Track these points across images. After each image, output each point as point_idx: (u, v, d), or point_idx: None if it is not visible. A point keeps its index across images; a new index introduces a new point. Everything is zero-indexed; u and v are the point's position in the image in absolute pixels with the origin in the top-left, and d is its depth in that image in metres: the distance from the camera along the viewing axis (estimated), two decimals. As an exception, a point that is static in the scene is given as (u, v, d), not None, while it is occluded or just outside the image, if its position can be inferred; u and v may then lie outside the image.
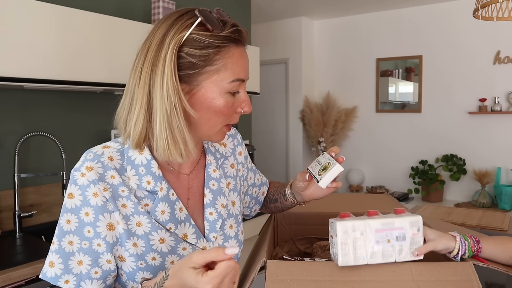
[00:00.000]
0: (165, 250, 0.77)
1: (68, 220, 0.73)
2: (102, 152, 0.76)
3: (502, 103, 3.67)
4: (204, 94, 0.74)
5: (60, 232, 0.73)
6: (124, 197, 0.76)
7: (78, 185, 0.73)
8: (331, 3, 4.04)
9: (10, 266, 1.52)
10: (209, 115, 0.76)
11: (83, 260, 0.73)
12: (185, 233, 0.80)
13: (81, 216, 0.73)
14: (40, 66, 1.77)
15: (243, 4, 3.47)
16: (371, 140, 4.44)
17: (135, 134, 0.74)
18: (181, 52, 0.72)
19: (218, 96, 0.74)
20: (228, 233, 0.87)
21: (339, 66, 4.61)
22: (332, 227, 0.80)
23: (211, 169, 0.88)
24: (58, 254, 0.73)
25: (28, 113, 2.08)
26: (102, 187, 0.73)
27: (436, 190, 3.86)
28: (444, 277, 0.78)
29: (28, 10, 1.72)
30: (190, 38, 0.72)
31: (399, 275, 0.76)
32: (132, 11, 2.48)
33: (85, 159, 0.75)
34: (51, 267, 0.73)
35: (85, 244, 0.73)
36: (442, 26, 3.95)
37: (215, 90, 0.74)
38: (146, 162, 0.78)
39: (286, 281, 0.74)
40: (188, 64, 0.72)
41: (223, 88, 0.74)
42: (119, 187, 0.75)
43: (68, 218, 0.73)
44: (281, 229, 1.26)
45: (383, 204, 1.36)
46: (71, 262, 0.73)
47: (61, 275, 0.73)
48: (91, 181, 0.73)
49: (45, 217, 2.11)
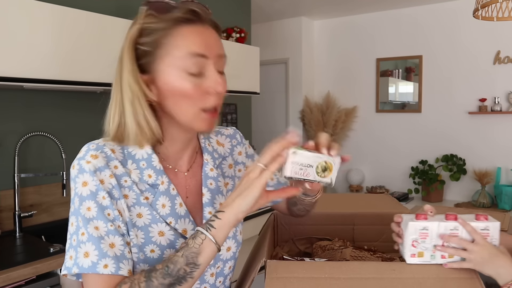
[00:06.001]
0: (164, 243, 0.77)
1: (88, 208, 0.72)
2: (104, 144, 0.77)
3: (502, 103, 3.67)
4: (164, 79, 0.74)
5: (84, 221, 0.71)
6: (126, 187, 0.76)
7: (87, 171, 0.73)
8: (331, 3, 4.05)
9: (10, 266, 1.52)
10: (176, 100, 0.74)
11: (115, 242, 0.72)
12: (184, 228, 0.80)
13: (99, 200, 0.72)
14: (39, 66, 1.77)
15: (243, 4, 3.47)
16: (371, 140, 4.44)
17: (113, 129, 0.77)
18: (136, 44, 0.75)
19: (178, 78, 0.73)
20: None
21: (339, 66, 4.61)
22: (404, 225, 0.83)
23: (208, 168, 0.87)
24: (90, 241, 0.70)
25: (28, 113, 2.08)
26: (108, 174, 0.74)
27: (436, 190, 3.86)
28: (445, 275, 0.78)
29: (27, 10, 1.72)
30: (142, 28, 0.75)
31: (399, 272, 0.76)
32: (132, 11, 2.47)
33: (88, 149, 0.75)
34: (86, 257, 0.69)
35: (111, 225, 0.72)
36: (442, 26, 3.95)
37: (173, 73, 0.73)
38: (147, 156, 0.78)
39: (286, 278, 0.74)
40: (143, 53, 0.75)
41: (181, 68, 0.73)
42: (122, 177, 0.76)
43: (88, 205, 0.72)
44: (281, 229, 1.26)
45: (383, 204, 1.36)
46: (103, 246, 0.70)
47: (98, 261, 0.69)
48: (97, 168, 0.73)
49: (45, 217, 2.11)
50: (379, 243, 1.22)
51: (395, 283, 0.74)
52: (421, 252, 0.79)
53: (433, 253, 0.80)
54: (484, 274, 0.77)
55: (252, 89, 3.04)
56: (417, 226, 0.80)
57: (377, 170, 4.43)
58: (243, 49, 2.95)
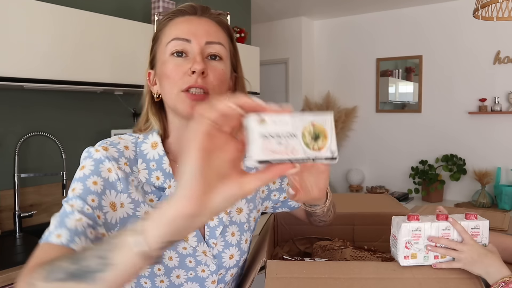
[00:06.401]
0: None
1: (73, 189, 0.70)
2: (118, 142, 0.79)
3: (502, 103, 3.67)
4: (158, 67, 0.80)
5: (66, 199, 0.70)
6: (134, 185, 0.76)
7: (92, 158, 0.73)
8: (331, 3, 4.04)
9: (10, 266, 1.52)
10: (162, 83, 0.78)
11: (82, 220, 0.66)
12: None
13: (88, 183, 0.70)
14: (39, 66, 1.77)
15: (243, 4, 3.47)
16: (371, 140, 4.44)
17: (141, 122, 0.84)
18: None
19: (164, 62, 0.77)
20: (230, 240, 0.85)
21: (339, 66, 4.61)
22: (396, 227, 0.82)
23: None
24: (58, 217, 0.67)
25: (28, 113, 2.08)
26: (116, 166, 0.74)
27: (436, 190, 3.86)
28: (445, 275, 0.78)
29: (27, 10, 1.72)
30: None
31: (399, 273, 0.76)
32: (132, 10, 2.48)
33: (101, 142, 0.77)
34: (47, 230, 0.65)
35: (87, 209, 0.68)
36: (442, 26, 3.95)
37: (161, 59, 0.79)
38: (158, 157, 0.79)
39: (286, 278, 0.74)
40: (151, 50, 0.83)
41: (167, 53, 0.77)
42: (129, 175, 0.76)
43: (74, 186, 0.71)
44: (281, 229, 1.26)
45: (383, 204, 1.36)
46: (67, 220, 0.65)
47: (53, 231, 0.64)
48: (105, 157, 0.74)
49: (45, 217, 2.11)
50: (379, 243, 1.22)
51: (395, 283, 0.74)
52: (414, 254, 0.79)
53: (426, 254, 0.79)
54: (474, 273, 0.77)
55: (252, 89, 3.02)
56: (410, 227, 0.79)
57: (377, 170, 4.42)
58: (243, 49, 2.93)
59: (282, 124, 0.43)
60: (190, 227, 0.45)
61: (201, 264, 0.81)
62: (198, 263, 0.81)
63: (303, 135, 0.44)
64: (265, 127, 0.42)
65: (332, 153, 0.46)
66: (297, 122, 0.44)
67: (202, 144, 0.42)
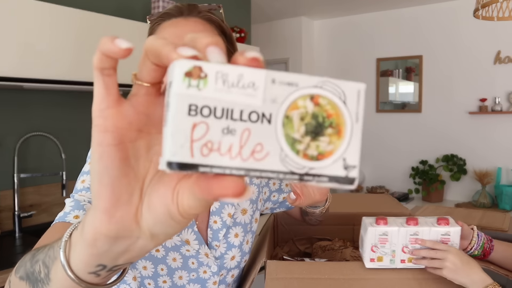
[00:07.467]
0: (169, 245, 0.77)
1: (82, 180, 0.70)
2: None
3: (502, 103, 3.67)
4: None
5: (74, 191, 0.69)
6: None
7: None
8: (331, 3, 4.04)
9: (10, 266, 1.52)
10: None
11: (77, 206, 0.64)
12: (187, 239, 0.79)
13: None
14: (39, 66, 1.76)
15: (243, 4, 3.47)
16: (371, 140, 4.44)
17: None
18: None
19: None
20: (232, 242, 0.85)
21: (339, 66, 4.60)
22: (364, 229, 0.81)
23: None
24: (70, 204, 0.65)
25: (28, 113, 2.08)
26: None
27: (437, 190, 3.85)
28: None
29: (27, 9, 1.72)
30: None
31: (399, 273, 0.76)
32: (132, 10, 2.48)
33: None
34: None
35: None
36: (442, 26, 3.94)
37: None
38: None
39: (286, 279, 0.74)
40: None
41: None
42: None
43: (84, 178, 0.70)
44: (281, 229, 1.25)
45: (383, 204, 1.36)
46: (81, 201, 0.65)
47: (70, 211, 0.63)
48: None
49: (44, 217, 2.11)
50: (379, 243, 1.22)
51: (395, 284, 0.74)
52: (381, 257, 0.78)
53: (393, 257, 0.78)
54: (456, 282, 0.74)
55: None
56: (376, 231, 0.78)
57: (377, 170, 4.42)
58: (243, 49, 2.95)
59: (242, 88, 0.22)
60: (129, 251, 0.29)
61: (203, 265, 0.81)
62: (200, 265, 0.81)
63: (288, 120, 0.23)
64: (200, 92, 0.22)
65: (345, 168, 0.24)
66: (278, 88, 0.23)
67: (103, 128, 0.27)
